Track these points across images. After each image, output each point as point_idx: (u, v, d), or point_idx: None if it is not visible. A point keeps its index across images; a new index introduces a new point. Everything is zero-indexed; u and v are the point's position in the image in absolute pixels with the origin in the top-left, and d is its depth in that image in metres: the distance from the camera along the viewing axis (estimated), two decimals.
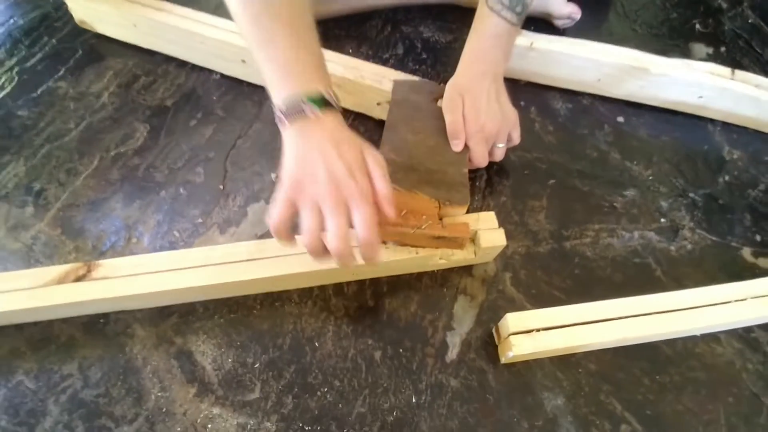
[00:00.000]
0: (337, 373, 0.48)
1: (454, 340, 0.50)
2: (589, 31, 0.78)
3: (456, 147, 0.54)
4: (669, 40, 0.81)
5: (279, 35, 0.42)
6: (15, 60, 0.71)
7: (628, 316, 0.48)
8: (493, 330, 0.50)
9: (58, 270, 0.47)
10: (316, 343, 0.49)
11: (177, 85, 0.69)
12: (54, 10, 0.77)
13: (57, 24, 0.76)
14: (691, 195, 0.62)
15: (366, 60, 0.65)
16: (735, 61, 0.79)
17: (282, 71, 0.42)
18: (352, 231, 0.39)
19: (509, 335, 0.46)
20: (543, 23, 0.77)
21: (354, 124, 0.66)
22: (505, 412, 0.46)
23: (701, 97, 0.67)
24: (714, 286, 0.51)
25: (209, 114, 0.66)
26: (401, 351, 0.49)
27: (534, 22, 0.76)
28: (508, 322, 0.47)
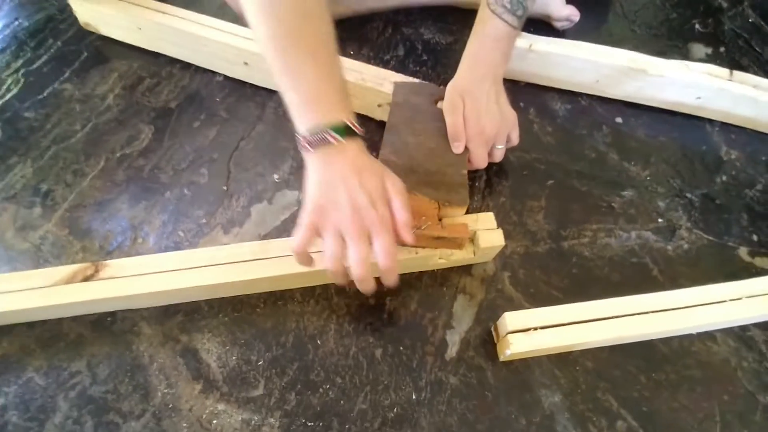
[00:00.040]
0: (338, 371, 0.48)
1: (454, 339, 0.51)
2: (588, 32, 0.79)
3: (456, 149, 0.55)
4: (668, 40, 0.81)
5: (303, 65, 0.43)
6: (21, 62, 0.72)
7: (625, 315, 0.49)
8: (491, 328, 0.51)
9: (67, 270, 0.48)
10: (319, 341, 0.50)
11: (181, 87, 0.70)
12: (59, 12, 0.78)
13: (62, 26, 0.76)
14: (688, 195, 0.63)
15: (367, 61, 0.66)
16: (734, 61, 0.79)
17: (306, 101, 0.43)
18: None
19: (507, 334, 0.47)
20: (542, 24, 0.78)
21: None
22: (503, 409, 0.47)
23: (699, 97, 0.67)
24: (710, 285, 0.52)
25: (213, 115, 0.67)
26: (402, 349, 0.50)
27: (533, 24, 0.76)
28: (507, 320, 0.47)
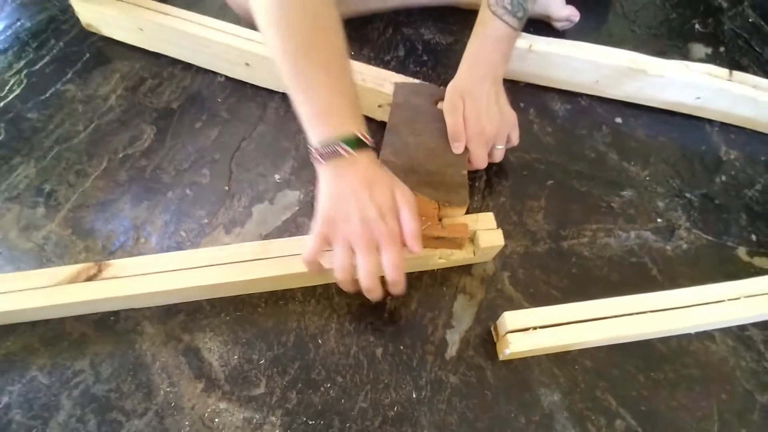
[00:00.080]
0: (339, 370, 0.49)
1: (454, 338, 0.51)
2: (588, 32, 0.79)
3: (456, 150, 0.55)
4: (668, 40, 0.81)
5: (316, 78, 0.43)
6: (23, 63, 0.72)
7: (624, 315, 0.49)
8: (491, 328, 0.51)
9: (70, 270, 0.49)
10: (320, 341, 0.50)
11: (183, 88, 0.70)
12: (61, 12, 0.78)
13: (64, 27, 0.77)
14: (687, 195, 0.63)
15: (367, 62, 0.66)
16: (734, 61, 0.79)
17: (318, 114, 0.44)
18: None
19: (507, 333, 0.47)
20: (542, 25, 0.78)
21: None
22: (502, 408, 0.47)
23: (699, 98, 0.68)
24: (708, 285, 0.52)
25: (214, 116, 0.67)
26: (402, 348, 0.50)
27: (533, 24, 0.76)
28: (506, 320, 0.48)
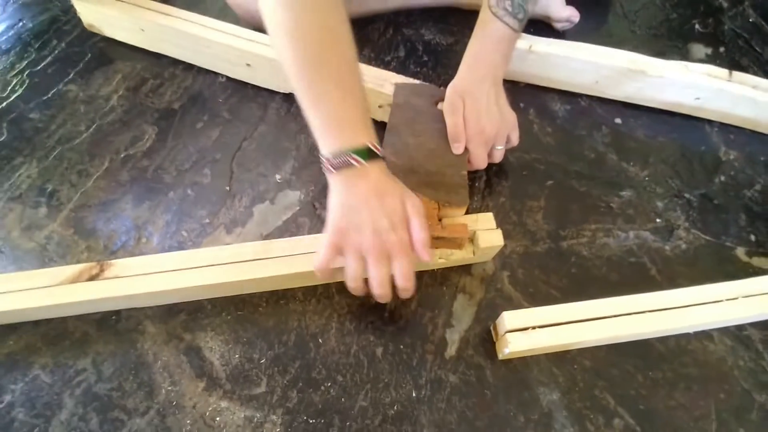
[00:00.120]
0: (340, 369, 0.49)
1: (453, 337, 0.51)
2: (588, 32, 0.79)
3: (456, 150, 0.55)
4: (668, 41, 0.81)
5: (328, 90, 0.44)
6: (25, 63, 0.72)
7: (622, 315, 0.49)
8: (490, 327, 0.52)
9: (73, 269, 0.49)
10: (320, 340, 0.51)
11: (184, 88, 0.70)
12: (62, 13, 0.79)
13: (66, 27, 0.77)
14: (686, 195, 0.63)
15: (368, 63, 0.67)
16: (734, 61, 0.79)
17: (330, 125, 0.44)
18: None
19: (506, 332, 0.48)
20: (542, 25, 0.78)
21: None
22: (502, 407, 0.48)
23: (698, 98, 0.68)
24: (706, 285, 0.52)
25: (215, 116, 0.68)
26: (402, 347, 0.51)
27: (533, 25, 0.76)
28: (505, 319, 0.48)
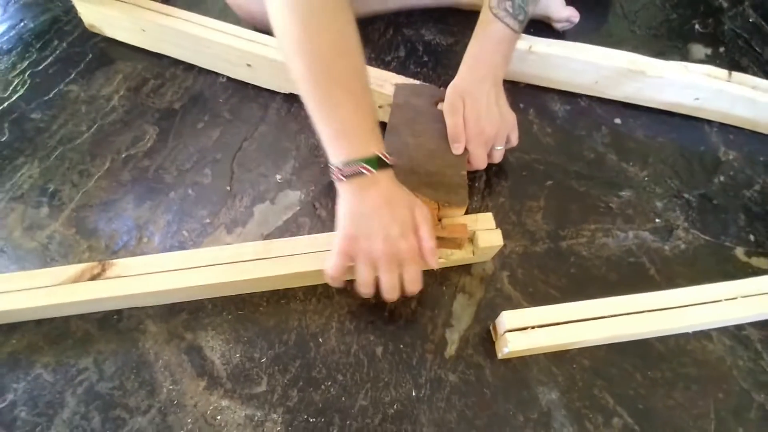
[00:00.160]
0: (340, 368, 0.49)
1: (453, 337, 0.52)
2: (588, 32, 0.79)
3: (456, 150, 0.55)
4: (668, 41, 0.81)
5: (338, 100, 0.44)
6: (27, 63, 0.73)
7: (621, 314, 0.50)
8: (490, 327, 0.52)
9: (75, 269, 0.49)
10: (320, 339, 0.51)
11: (185, 89, 0.71)
12: (64, 13, 0.79)
13: (67, 28, 0.77)
14: (685, 195, 0.64)
15: (368, 63, 0.66)
16: (734, 62, 0.79)
17: (340, 135, 0.45)
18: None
19: (505, 332, 0.48)
20: (542, 26, 0.78)
21: None
22: (501, 406, 0.48)
23: (698, 98, 0.68)
24: (705, 285, 0.52)
25: (216, 116, 0.68)
26: (402, 347, 0.51)
27: (533, 25, 0.76)
28: (505, 319, 0.48)
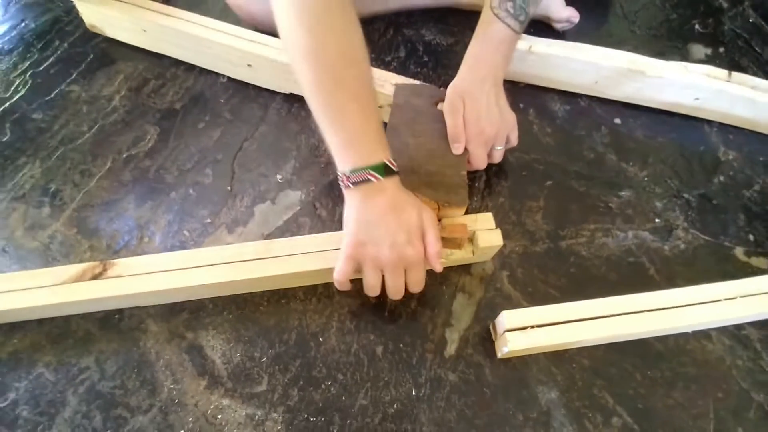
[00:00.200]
0: (340, 367, 0.50)
1: (453, 336, 0.52)
2: (588, 33, 0.79)
3: (456, 150, 0.55)
4: (668, 41, 0.81)
5: (345, 109, 0.45)
6: (28, 63, 0.73)
7: (621, 314, 0.50)
8: (490, 326, 0.52)
9: (76, 268, 0.49)
10: (321, 339, 0.51)
11: (185, 89, 0.71)
12: (65, 14, 0.79)
13: (68, 28, 0.77)
14: (685, 195, 0.64)
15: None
16: (734, 62, 0.79)
17: (347, 143, 0.45)
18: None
19: (505, 331, 0.48)
20: (542, 26, 0.78)
21: None
22: (501, 405, 0.48)
23: (698, 98, 0.68)
24: (705, 284, 0.52)
25: (217, 117, 0.68)
26: (402, 346, 0.51)
27: (533, 25, 0.76)
28: (504, 319, 0.48)
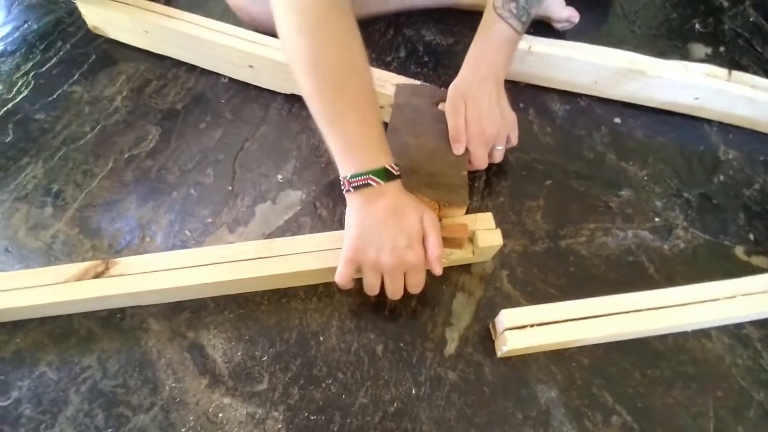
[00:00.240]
0: (340, 366, 0.50)
1: (453, 335, 0.52)
2: (588, 32, 0.80)
3: (457, 150, 0.56)
4: (668, 40, 0.81)
5: (347, 115, 0.45)
6: (31, 64, 0.73)
7: (621, 313, 0.50)
8: (489, 325, 0.52)
9: (78, 267, 0.50)
10: (321, 338, 0.51)
11: (187, 89, 0.71)
12: (67, 15, 0.80)
13: (70, 29, 0.78)
14: (685, 195, 0.64)
15: (369, 63, 0.67)
16: (734, 61, 0.79)
17: (349, 149, 0.46)
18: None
19: (505, 330, 0.48)
20: (543, 26, 0.78)
21: None
22: (500, 404, 0.48)
23: (697, 98, 0.68)
24: (705, 283, 0.53)
25: (218, 117, 0.68)
26: (402, 345, 0.51)
27: (534, 25, 0.75)
28: (504, 317, 0.48)
